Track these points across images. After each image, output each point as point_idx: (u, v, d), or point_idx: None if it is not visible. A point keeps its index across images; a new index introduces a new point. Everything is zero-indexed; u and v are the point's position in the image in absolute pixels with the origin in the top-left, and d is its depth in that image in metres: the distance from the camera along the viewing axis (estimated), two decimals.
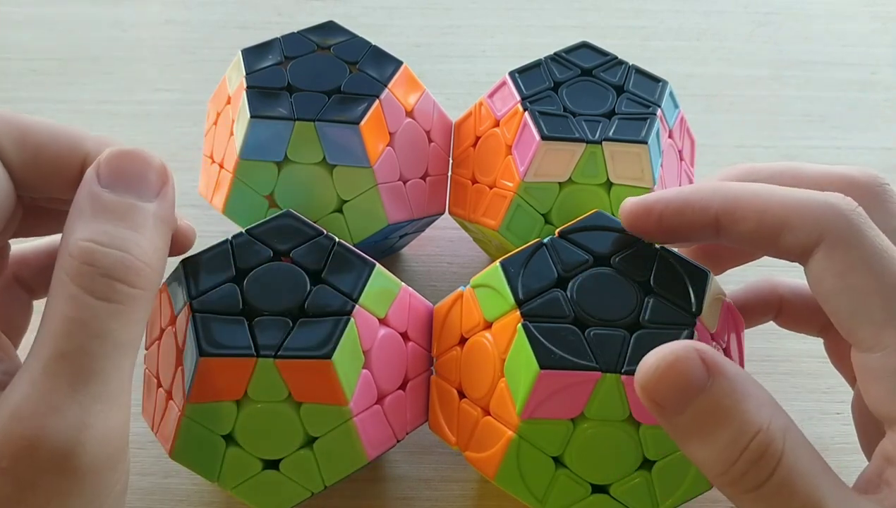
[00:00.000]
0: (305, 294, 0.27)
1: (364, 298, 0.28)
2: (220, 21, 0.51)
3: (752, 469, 0.23)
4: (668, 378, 0.23)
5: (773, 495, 0.23)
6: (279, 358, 0.26)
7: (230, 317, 0.27)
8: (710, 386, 0.23)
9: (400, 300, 0.30)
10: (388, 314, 0.29)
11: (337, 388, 0.27)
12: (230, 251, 0.28)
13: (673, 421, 0.23)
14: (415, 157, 0.35)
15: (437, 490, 0.33)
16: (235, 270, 0.28)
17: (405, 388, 0.30)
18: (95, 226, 0.24)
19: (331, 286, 0.28)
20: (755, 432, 0.23)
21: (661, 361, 0.23)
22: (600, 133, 0.32)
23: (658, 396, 0.23)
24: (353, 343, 0.27)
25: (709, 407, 0.23)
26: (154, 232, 0.25)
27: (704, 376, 0.23)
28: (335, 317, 0.27)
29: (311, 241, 0.29)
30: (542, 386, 0.26)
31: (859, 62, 0.50)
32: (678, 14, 0.52)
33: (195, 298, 0.27)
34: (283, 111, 0.32)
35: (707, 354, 0.23)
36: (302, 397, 0.27)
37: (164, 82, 0.47)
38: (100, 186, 0.24)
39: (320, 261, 0.28)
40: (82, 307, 0.23)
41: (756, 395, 0.23)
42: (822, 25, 0.52)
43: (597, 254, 0.28)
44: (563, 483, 0.27)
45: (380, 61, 0.34)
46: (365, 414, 0.28)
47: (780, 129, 0.46)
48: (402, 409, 0.29)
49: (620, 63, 0.35)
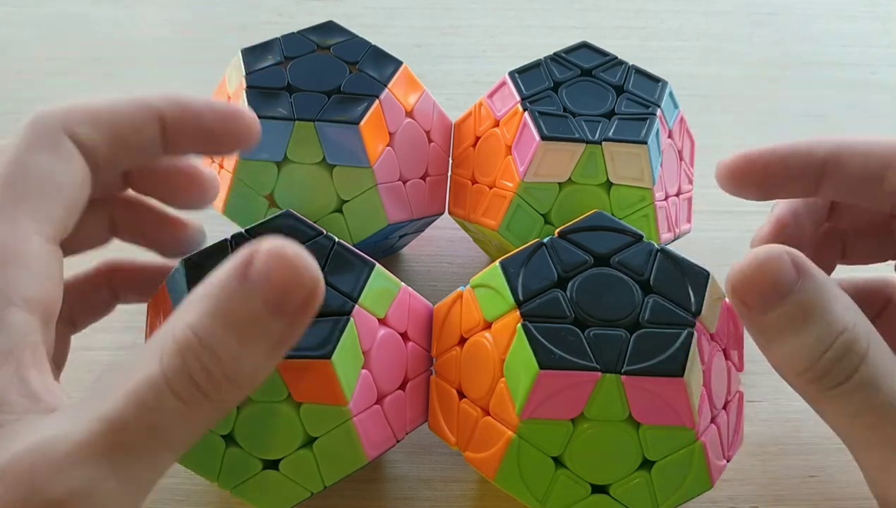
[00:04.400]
0: None
1: (363, 298, 0.28)
2: (220, 21, 0.51)
3: (836, 366, 0.23)
4: (761, 276, 0.24)
5: (855, 391, 0.23)
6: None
7: None
8: (799, 285, 0.24)
9: (400, 300, 0.29)
10: (388, 314, 0.29)
11: (336, 388, 0.26)
12: (230, 251, 0.28)
13: (762, 320, 0.24)
14: (415, 157, 0.35)
15: (436, 491, 0.33)
16: None
17: (405, 388, 0.30)
18: (211, 324, 0.21)
19: (330, 286, 0.28)
20: (841, 330, 0.23)
21: (754, 260, 0.24)
22: (600, 133, 0.32)
23: (749, 295, 0.24)
24: (352, 343, 0.27)
25: (798, 305, 0.24)
26: (264, 356, 0.22)
27: (795, 276, 0.24)
28: (335, 317, 0.27)
29: (311, 241, 0.29)
30: (541, 387, 0.26)
31: (859, 62, 0.50)
32: (678, 14, 0.52)
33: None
34: (283, 111, 0.32)
35: (798, 257, 0.24)
36: (301, 397, 0.27)
37: (164, 82, 0.47)
38: (240, 283, 0.21)
39: (320, 261, 0.28)
40: (153, 391, 0.21)
41: (842, 299, 0.24)
42: (822, 25, 0.52)
43: (596, 255, 0.28)
44: (563, 483, 0.27)
45: (380, 61, 0.34)
46: (364, 414, 0.28)
47: (780, 130, 0.46)
48: (401, 409, 0.29)
49: (620, 63, 0.35)
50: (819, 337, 0.24)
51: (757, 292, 0.24)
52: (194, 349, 0.21)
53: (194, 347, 0.21)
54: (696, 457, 0.27)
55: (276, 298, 0.21)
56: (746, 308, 0.24)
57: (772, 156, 0.28)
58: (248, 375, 0.22)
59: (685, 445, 0.27)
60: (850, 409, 0.24)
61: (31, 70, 0.47)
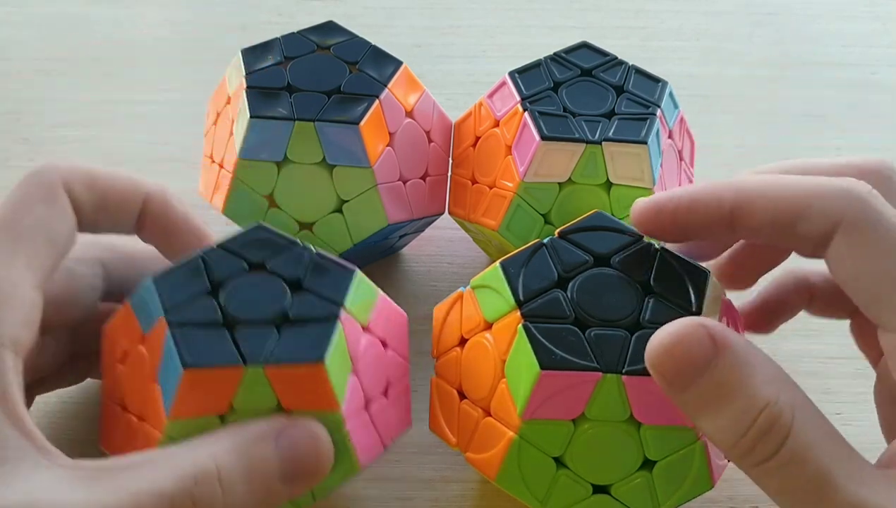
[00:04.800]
0: (287, 302, 0.26)
1: (349, 303, 0.27)
2: (220, 21, 0.51)
3: (760, 442, 0.23)
4: (676, 353, 0.23)
5: (783, 467, 0.23)
6: (268, 366, 0.25)
7: (210, 328, 0.26)
8: (717, 361, 0.23)
9: (379, 307, 0.29)
10: (370, 321, 0.28)
11: (329, 393, 0.25)
12: (202, 265, 0.27)
13: (682, 397, 0.24)
14: (415, 157, 0.35)
15: (437, 491, 0.33)
16: (210, 283, 0.27)
17: (387, 395, 0.29)
18: (233, 463, 0.24)
19: (313, 293, 0.27)
20: (763, 406, 0.23)
21: (669, 337, 0.23)
22: (600, 133, 0.32)
23: (666, 372, 0.23)
24: (342, 347, 0.26)
25: (716, 382, 0.23)
26: (260, 502, 0.25)
27: (711, 351, 0.23)
28: (323, 322, 0.26)
29: (287, 251, 0.27)
30: (542, 387, 0.26)
31: (859, 62, 0.50)
32: (678, 14, 0.52)
33: (169, 311, 0.26)
34: (283, 111, 0.32)
35: (715, 329, 0.23)
36: (292, 405, 0.25)
37: (163, 82, 0.47)
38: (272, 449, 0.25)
39: (298, 271, 0.27)
40: (156, 506, 0.23)
41: (764, 370, 0.24)
42: (822, 25, 0.52)
43: (597, 255, 0.28)
44: (564, 483, 0.27)
45: (380, 61, 0.34)
46: (355, 421, 0.27)
47: (780, 130, 0.46)
48: (386, 416, 0.28)
49: (620, 63, 0.35)
50: (739, 414, 0.23)
51: (673, 369, 0.23)
52: (210, 478, 0.23)
53: (212, 479, 0.23)
54: (697, 457, 0.27)
55: (292, 469, 0.25)
56: (666, 383, 0.24)
57: (678, 205, 0.27)
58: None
59: (686, 445, 0.27)
60: (780, 484, 0.23)
61: (31, 70, 0.47)
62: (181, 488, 0.23)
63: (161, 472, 0.23)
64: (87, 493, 0.22)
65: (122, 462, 0.24)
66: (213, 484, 0.23)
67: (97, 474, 0.23)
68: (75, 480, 0.23)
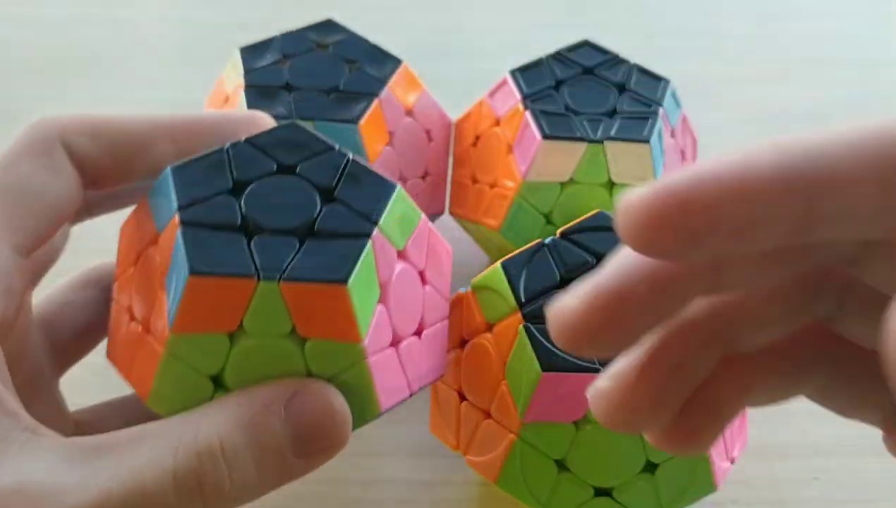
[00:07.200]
0: (316, 212, 0.23)
1: (384, 222, 0.24)
2: (218, 19, 0.50)
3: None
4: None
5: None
6: (284, 282, 0.22)
7: (226, 232, 0.23)
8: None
9: (419, 233, 0.25)
10: (407, 246, 0.25)
11: (351, 320, 0.22)
12: (227, 160, 0.24)
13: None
14: (414, 157, 0.35)
15: (437, 493, 0.33)
16: (233, 181, 0.24)
17: (420, 336, 0.26)
18: (239, 440, 0.22)
19: (345, 205, 0.24)
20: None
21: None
22: (602, 132, 0.32)
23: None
24: (369, 270, 0.23)
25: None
26: (270, 484, 0.23)
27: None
28: (351, 239, 0.23)
29: (323, 156, 0.25)
30: (544, 389, 0.26)
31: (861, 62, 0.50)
32: (681, 12, 0.52)
33: (184, 209, 0.23)
34: (282, 110, 0.32)
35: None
36: (308, 331, 0.22)
37: (162, 80, 0.47)
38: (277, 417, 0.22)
39: (332, 178, 0.24)
40: (156, 482, 0.21)
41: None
42: (824, 25, 0.52)
43: (599, 255, 0.28)
44: (566, 486, 0.27)
45: (379, 60, 0.34)
46: (379, 356, 0.24)
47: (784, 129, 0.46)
48: (417, 357, 0.25)
49: (622, 61, 0.35)
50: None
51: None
52: (215, 457, 0.22)
53: (216, 456, 0.22)
54: (701, 459, 0.27)
55: (304, 442, 0.22)
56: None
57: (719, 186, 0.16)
58: (248, 495, 0.22)
59: None
60: None
61: (32, 70, 0.47)
62: (186, 467, 0.21)
63: (162, 449, 0.22)
64: (83, 474, 0.21)
65: (120, 437, 0.22)
66: (220, 465, 0.22)
67: (94, 453, 0.22)
68: (70, 460, 0.21)
